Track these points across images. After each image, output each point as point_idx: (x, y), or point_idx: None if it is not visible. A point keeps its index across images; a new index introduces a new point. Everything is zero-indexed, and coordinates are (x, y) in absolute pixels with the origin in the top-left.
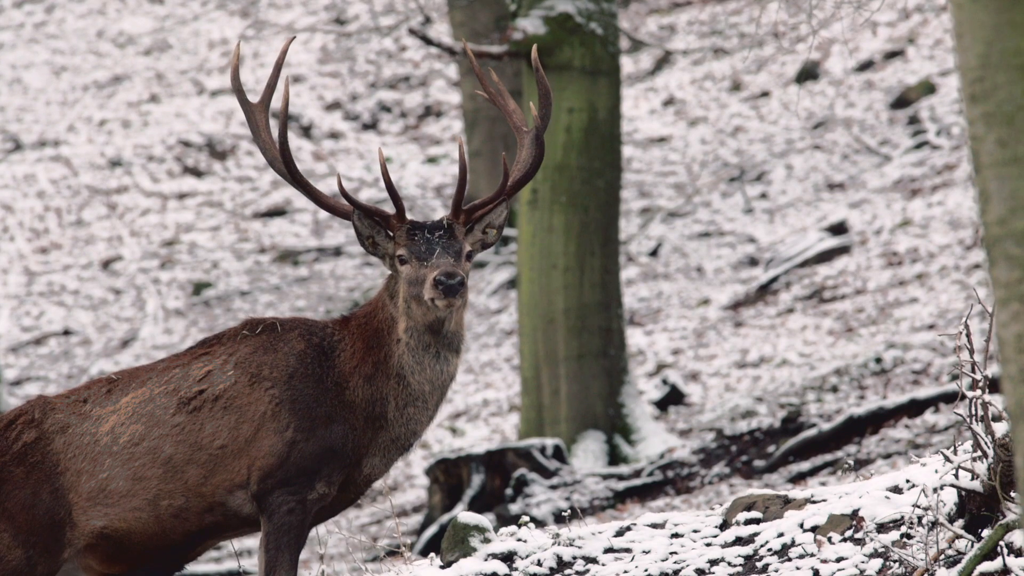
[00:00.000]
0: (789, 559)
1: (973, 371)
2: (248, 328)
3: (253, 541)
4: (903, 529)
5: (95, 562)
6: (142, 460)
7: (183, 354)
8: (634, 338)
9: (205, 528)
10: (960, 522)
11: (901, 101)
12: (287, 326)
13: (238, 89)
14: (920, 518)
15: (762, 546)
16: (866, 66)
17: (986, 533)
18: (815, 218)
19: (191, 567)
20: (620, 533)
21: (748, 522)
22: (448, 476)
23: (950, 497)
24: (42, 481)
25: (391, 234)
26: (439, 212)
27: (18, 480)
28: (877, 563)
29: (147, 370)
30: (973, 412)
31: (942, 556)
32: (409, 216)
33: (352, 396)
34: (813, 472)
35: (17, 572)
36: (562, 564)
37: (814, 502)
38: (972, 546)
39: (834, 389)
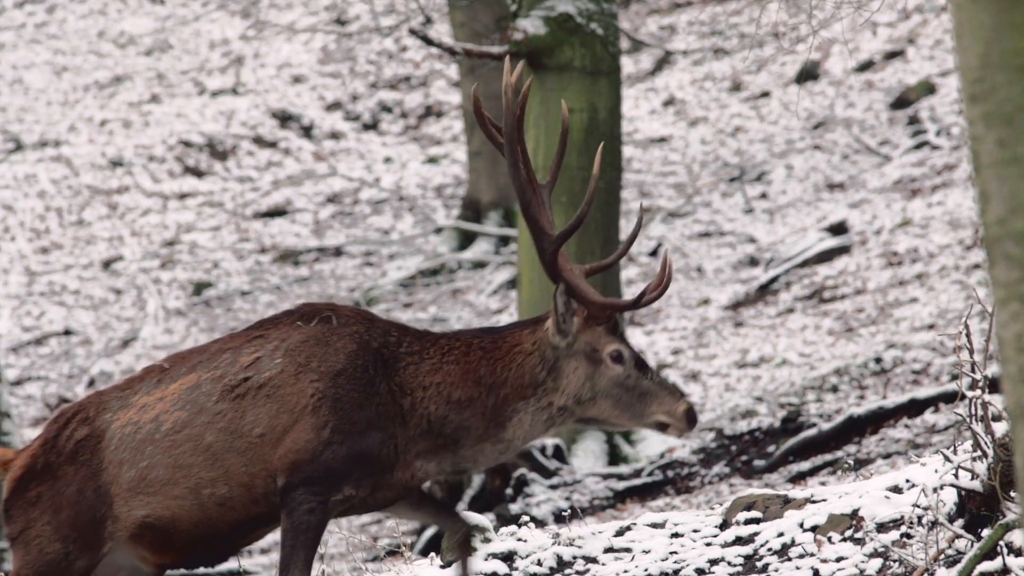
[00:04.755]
0: (789, 559)
1: (973, 371)
2: (304, 318)
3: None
4: (903, 529)
5: (146, 552)
6: (183, 448)
7: (238, 335)
8: (634, 338)
9: (252, 518)
10: (960, 522)
11: (901, 101)
12: (344, 320)
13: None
14: (920, 518)
15: (762, 546)
16: (866, 66)
17: (986, 533)
18: (815, 218)
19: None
20: (620, 533)
21: (748, 522)
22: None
23: (950, 497)
24: (88, 479)
25: (587, 319)
26: (439, 212)
27: (68, 478)
28: (877, 563)
29: (199, 352)
30: (973, 412)
31: (942, 556)
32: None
33: (414, 406)
34: (813, 472)
35: (55, 564)
36: (562, 564)
37: (814, 502)
38: (972, 546)
39: (834, 389)
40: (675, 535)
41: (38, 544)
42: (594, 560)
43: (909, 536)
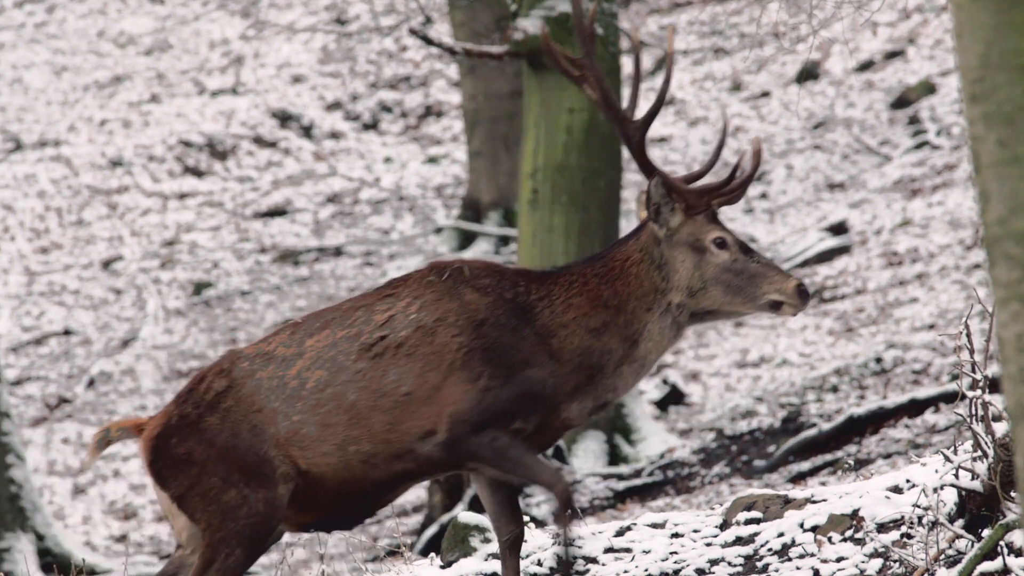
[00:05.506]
0: (789, 559)
1: (973, 371)
2: (435, 273)
3: None
4: (903, 529)
5: (290, 511)
6: (328, 407)
7: (368, 294)
8: None
9: (396, 475)
10: (960, 522)
11: (901, 101)
12: (475, 273)
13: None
14: (920, 518)
15: (762, 546)
16: (866, 66)
17: (986, 533)
18: (815, 218)
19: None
20: (620, 533)
21: (748, 522)
22: (448, 476)
23: (950, 497)
24: (239, 421)
25: (687, 209)
26: (439, 212)
27: (215, 427)
28: (877, 563)
29: (332, 310)
30: (973, 412)
31: (942, 556)
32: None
33: (562, 345)
34: (813, 472)
35: (238, 509)
36: (562, 564)
37: (814, 502)
38: (972, 546)
39: (834, 389)
40: (675, 535)
41: (214, 496)
42: (594, 560)
43: (909, 536)
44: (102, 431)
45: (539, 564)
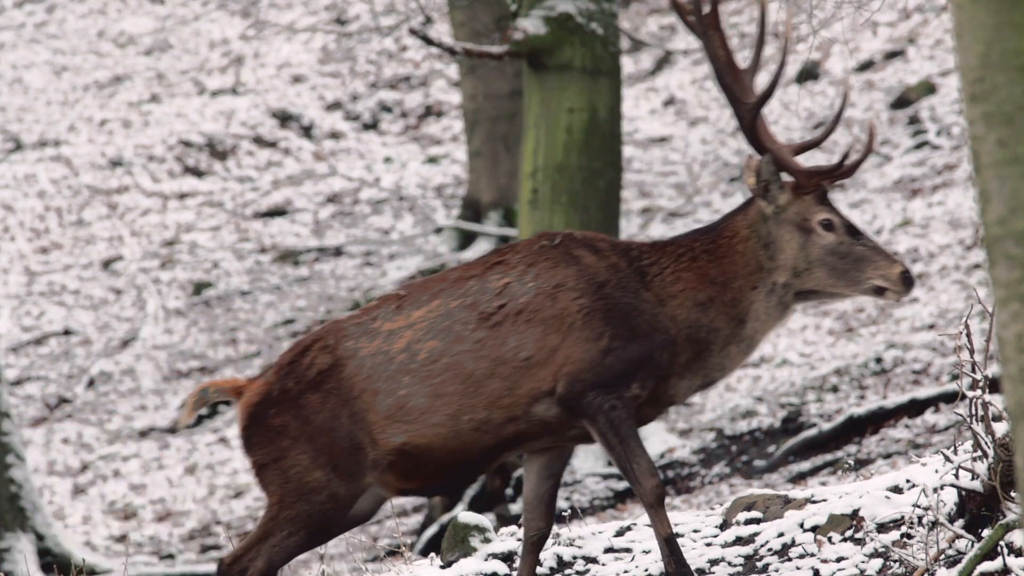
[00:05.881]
0: (789, 559)
1: (973, 371)
2: (546, 239)
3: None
4: (903, 529)
5: (393, 479)
6: (442, 377)
7: (475, 264)
8: None
9: (505, 439)
10: (960, 522)
11: (901, 101)
12: (586, 239)
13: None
14: (920, 518)
15: (762, 546)
16: (866, 66)
17: (986, 533)
18: None
19: (191, 567)
20: (620, 533)
21: (748, 522)
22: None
23: (950, 497)
24: (340, 406)
25: (795, 188)
26: (439, 212)
27: (315, 406)
28: (877, 563)
29: (437, 281)
30: (973, 412)
31: (942, 556)
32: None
33: (673, 314)
34: (813, 472)
35: (316, 493)
36: (562, 564)
37: (814, 502)
38: (972, 546)
39: (834, 389)
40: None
41: (297, 474)
42: (594, 560)
43: (909, 536)
44: (200, 389)
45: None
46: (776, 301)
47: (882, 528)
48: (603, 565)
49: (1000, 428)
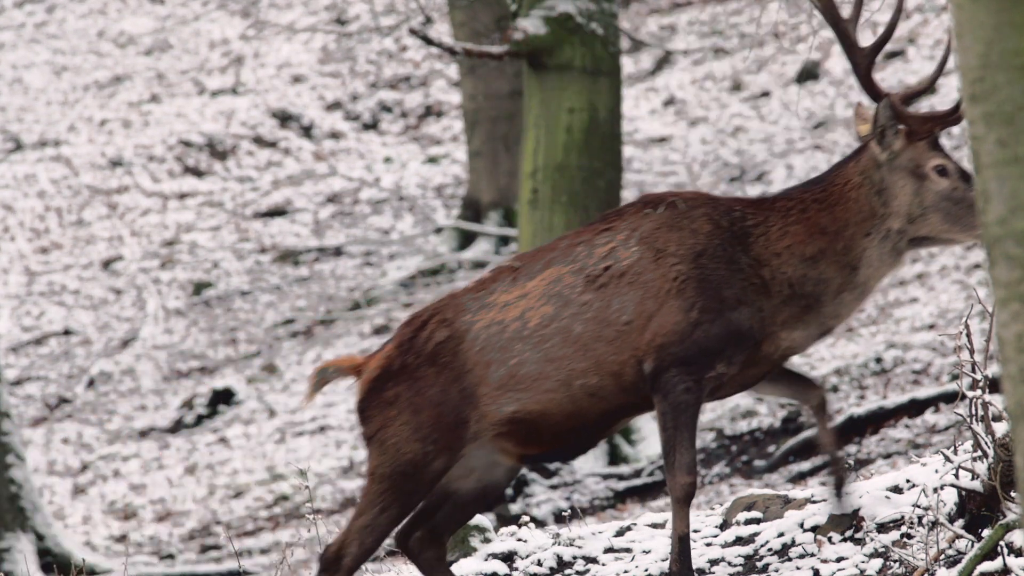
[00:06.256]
0: (789, 559)
1: (973, 371)
2: (650, 205)
3: (252, 541)
4: (903, 529)
5: (511, 445)
6: (552, 341)
7: (584, 230)
8: None
9: (620, 407)
10: (960, 522)
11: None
12: (691, 204)
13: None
14: (920, 518)
15: (762, 546)
16: None
17: (986, 533)
18: None
19: (191, 567)
20: (620, 533)
21: (748, 522)
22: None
23: (950, 497)
24: (452, 381)
25: (909, 134)
26: (439, 212)
27: (429, 379)
28: (877, 563)
29: (549, 250)
30: (973, 412)
31: (942, 556)
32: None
33: (773, 275)
34: (813, 472)
35: (412, 464)
36: (562, 564)
37: (814, 502)
38: (972, 546)
39: (834, 389)
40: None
41: (395, 444)
42: (594, 560)
43: (909, 536)
44: (319, 369)
45: (539, 564)
46: (890, 247)
47: (882, 528)
48: (603, 565)
49: (1000, 428)
